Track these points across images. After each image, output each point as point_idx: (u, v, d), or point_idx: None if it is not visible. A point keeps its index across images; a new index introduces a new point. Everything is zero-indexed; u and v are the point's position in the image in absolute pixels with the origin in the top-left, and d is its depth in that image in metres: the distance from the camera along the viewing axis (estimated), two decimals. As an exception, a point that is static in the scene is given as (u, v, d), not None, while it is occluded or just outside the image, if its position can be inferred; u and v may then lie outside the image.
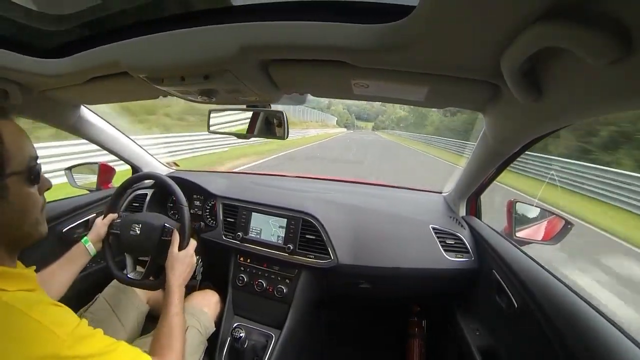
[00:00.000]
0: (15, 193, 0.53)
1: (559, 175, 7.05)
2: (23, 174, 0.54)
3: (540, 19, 0.36)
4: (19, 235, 0.56)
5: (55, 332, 0.47)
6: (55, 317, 0.49)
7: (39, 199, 0.59)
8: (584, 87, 0.46)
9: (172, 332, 0.76)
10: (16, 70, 0.79)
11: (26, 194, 0.56)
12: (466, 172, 1.20)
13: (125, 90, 0.92)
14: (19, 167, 0.54)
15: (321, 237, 1.21)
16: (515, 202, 1.18)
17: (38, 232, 0.59)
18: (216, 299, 1.25)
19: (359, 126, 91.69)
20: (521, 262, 0.93)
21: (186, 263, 0.94)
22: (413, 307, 1.56)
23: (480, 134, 0.95)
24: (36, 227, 0.59)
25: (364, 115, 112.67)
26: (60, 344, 0.46)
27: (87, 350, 0.49)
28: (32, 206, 0.57)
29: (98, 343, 0.52)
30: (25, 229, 0.57)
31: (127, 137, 1.47)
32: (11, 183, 0.52)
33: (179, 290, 0.86)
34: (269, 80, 0.71)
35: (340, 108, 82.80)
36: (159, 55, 0.63)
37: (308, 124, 32.49)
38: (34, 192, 0.58)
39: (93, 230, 1.02)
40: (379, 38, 0.49)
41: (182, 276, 0.90)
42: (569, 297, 0.73)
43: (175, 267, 0.90)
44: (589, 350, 0.61)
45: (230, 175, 1.82)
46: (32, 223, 0.57)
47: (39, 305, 0.49)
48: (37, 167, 0.58)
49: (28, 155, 0.56)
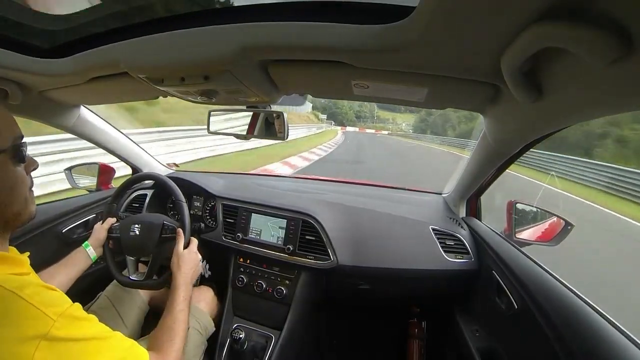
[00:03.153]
0: (2, 172, 0.55)
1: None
2: (8, 152, 0.56)
3: (540, 19, 0.36)
4: (9, 215, 0.57)
5: (45, 312, 0.46)
6: (45, 298, 0.48)
7: (26, 177, 0.60)
8: (584, 87, 0.46)
9: (174, 328, 0.75)
10: (16, 70, 0.79)
11: (13, 171, 0.57)
12: (466, 173, 1.20)
13: (125, 90, 0.92)
14: (4, 146, 0.55)
15: (321, 238, 1.21)
16: (515, 202, 1.18)
17: (28, 212, 0.60)
18: (211, 294, 1.25)
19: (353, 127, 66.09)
20: (521, 263, 0.92)
21: (192, 260, 0.94)
22: (413, 308, 1.55)
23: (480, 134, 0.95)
24: (26, 206, 0.60)
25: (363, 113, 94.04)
26: (50, 323, 0.45)
27: (78, 332, 0.48)
28: (21, 184, 0.58)
29: (91, 328, 0.52)
30: (15, 208, 0.57)
31: (127, 138, 1.47)
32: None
33: (186, 288, 0.86)
34: (269, 80, 0.71)
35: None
36: (159, 56, 0.63)
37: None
38: (21, 170, 0.59)
39: (93, 235, 1.02)
40: (379, 39, 0.49)
41: (189, 274, 0.90)
42: (569, 298, 0.73)
43: (181, 266, 0.90)
44: (589, 351, 0.61)
45: (230, 175, 1.82)
46: (21, 202, 0.58)
47: (30, 286, 0.48)
48: (23, 145, 0.59)
49: (13, 135, 0.57)
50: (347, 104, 72.15)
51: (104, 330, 0.54)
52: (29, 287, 0.48)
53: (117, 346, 0.53)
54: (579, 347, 0.63)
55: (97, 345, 0.50)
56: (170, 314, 0.77)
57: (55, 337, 0.45)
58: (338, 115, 73.75)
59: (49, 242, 1.20)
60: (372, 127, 77.32)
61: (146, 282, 1.01)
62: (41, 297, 0.48)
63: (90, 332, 0.50)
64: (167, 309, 0.79)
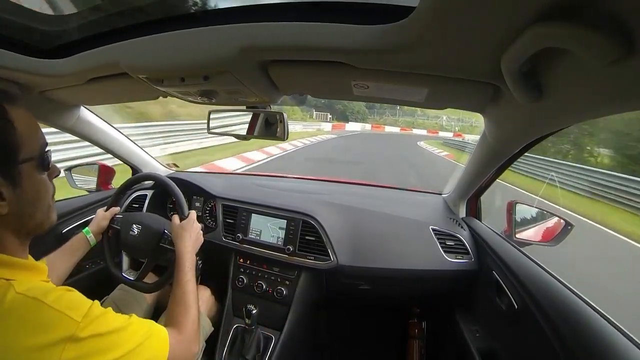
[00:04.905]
0: (28, 180, 0.54)
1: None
2: (35, 160, 0.55)
3: (540, 19, 0.36)
4: (32, 224, 0.56)
5: (70, 316, 0.47)
6: (69, 302, 0.50)
7: (50, 185, 0.60)
8: (584, 87, 0.46)
9: (185, 300, 0.77)
10: (16, 70, 0.79)
11: (39, 180, 0.56)
12: (466, 173, 1.20)
13: (125, 90, 0.92)
14: (32, 154, 0.54)
15: (321, 238, 1.20)
16: (515, 203, 1.18)
17: (49, 220, 0.60)
18: (208, 294, 1.25)
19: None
20: (521, 263, 0.92)
21: (193, 229, 0.96)
22: (413, 308, 1.55)
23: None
24: (48, 215, 0.59)
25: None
26: (75, 326, 0.47)
27: (102, 328, 0.50)
28: (45, 193, 0.58)
29: (112, 321, 0.53)
30: (38, 217, 0.57)
31: (126, 138, 1.47)
32: (24, 170, 0.53)
33: (190, 257, 0.88)
34: (269, 81, 0.71)
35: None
36: (158, 56, 0.63)
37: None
38: (45, 179, 0.58)
39: (94, 222, 1.03)
40: (379, 39, 0.49)
41: (190, 243, 0.92)
42: (569, 298, 0.73)
43: (183, 236, 0.92)
44: (589, 350, 0.61)
45: (230, 176, 1.82)
46: (44, 211, 0.58)
47: (53, 292, 0.50)
48: (48, 153, 0.58)
49: (40, 142, 0.56)
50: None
51: (123, 319, 0.56)
52: (52, 293, 0.49)
53: (137, 330, 0.56)
54: (579, 346, 0.63)
55: (119, 336, 0.52)
56: (179, 287, 0.80)
57: (80, 338, 0.47)
58: (338, 105, 38.79)
59: (48, 242, 1.19)
60: (392, 122, 42.42)
61: (137, 284, 1.02)
62: (64, 301, 0.49)
63: (113, 325, 0.52)
64: (175, 282, 0.82)
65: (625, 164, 8.24)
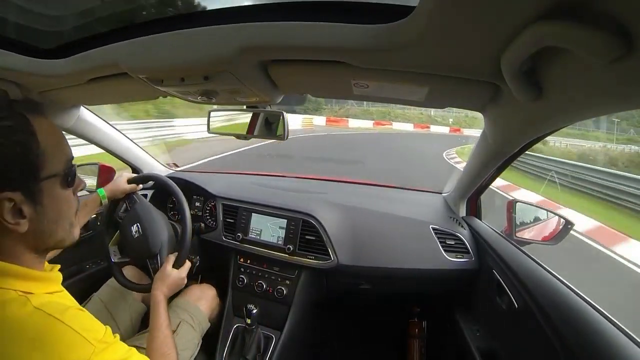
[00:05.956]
0: (51, 197, 0.50)
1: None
2: (59, 176, 0.51)
3: (540, 18, 0.36)
4: (52, 242, 0.53)
5: (86, 338, 0.46)
6: (84, 323, 0.49)
7: (74, 201, 0.56)
8: (584, 86, 0.46)
9: (167, 342, 0.77)
10: (16, 71, 0.79)
11: (62, 197, 0.52)
12: (466, 172, 1.20)
13: (125, 91, 0.92)
14: (56, 170, 0.50)
15: (321, 237, 1.20)
16: (515, 202, 1.18)
17: (71, 237, 0.57)
18: (213, 293, 1.25)
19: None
20: (521, 263, 0.92)
21: (176, 282, 0.94)
22: (413, 307, 1.56)
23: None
24: (70, 232, 0.56)
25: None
26: (91, 349, 0.46)
27: (111, 356, 0.50)
28: (67, 210, 0.54)
29: (119, 350, 0.53)
30: (60, 234, 0.53)
31: (126, 138, 1.47)
32: (46, 187, 0.49)
33: (164, 301, 0.88)
34: (269, 80, 0.71)
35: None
36: (158, 56, 0.63)
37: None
38: (69, 194, 0.55)
39: (113, 185, 1.07)
40: (379, 38, 0.49)
41: (169, 290, 0.92)
42: (570, 297, 0.73)
43: (165, 282, 0.91)
44: (589, 349, 0.61)
45: (230, 175, 1.82)
46: (66, 228, 0.55)
47: (69, 310, 0.49)
48: (74, 168, 0.54)
49: (65, 157, 0.53)
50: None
51: (126, 350, 0.55)
52: (68, 311, 0.48)
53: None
54: (580, 346, 0.63)
55: None
56: (159, 331, 0.79)
57: None
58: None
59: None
60: (360, 112, 24.52)
61: (132, 286, 1.05)
62: (80, 321, 0.48)
63: (119, 355, 0.52)
64: (154, 326, 0.80)
65: None
